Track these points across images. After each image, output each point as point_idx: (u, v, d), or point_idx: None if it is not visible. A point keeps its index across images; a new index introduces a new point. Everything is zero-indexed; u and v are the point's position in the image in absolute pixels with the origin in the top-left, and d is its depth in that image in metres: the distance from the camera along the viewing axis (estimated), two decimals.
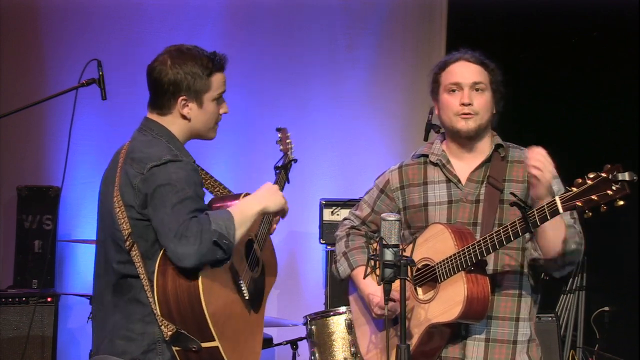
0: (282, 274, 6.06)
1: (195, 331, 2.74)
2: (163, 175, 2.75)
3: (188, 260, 2.68)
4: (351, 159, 6.13)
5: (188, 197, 2.73)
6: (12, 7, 5.80)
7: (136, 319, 2.81)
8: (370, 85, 6.21)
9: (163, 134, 2.90)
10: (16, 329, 5.07)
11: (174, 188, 2.73)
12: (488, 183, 3.11)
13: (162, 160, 2.78)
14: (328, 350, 4.41)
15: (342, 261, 3.32)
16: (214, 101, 2.94)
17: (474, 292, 2.94)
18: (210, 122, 2.96)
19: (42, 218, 5.41)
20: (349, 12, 6.18)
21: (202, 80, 2.89)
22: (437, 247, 3.03)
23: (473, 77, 3.10)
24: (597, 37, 5.85)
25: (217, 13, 6.03)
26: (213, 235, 2.68)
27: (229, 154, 5.96)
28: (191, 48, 2.94)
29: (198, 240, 2.66)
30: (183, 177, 2.75)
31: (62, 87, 3.54)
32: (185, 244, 2.66)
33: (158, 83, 2.90)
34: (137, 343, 2.80)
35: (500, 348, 3.07)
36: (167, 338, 2.75)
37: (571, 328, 5.81)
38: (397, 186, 3.26)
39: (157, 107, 2.94)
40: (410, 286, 3.08)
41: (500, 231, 2.90)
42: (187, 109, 2.90)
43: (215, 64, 2.92)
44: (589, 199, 2.70)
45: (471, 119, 3.09)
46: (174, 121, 2.92)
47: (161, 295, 2.75)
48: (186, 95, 2.89)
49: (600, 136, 5.76)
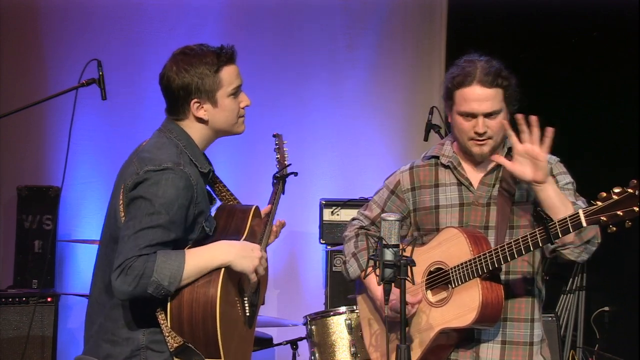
0: (282, 274, 6.11)
1: (203, 346, 2.68)
2: (153, 186, 2.67)
3: (121, 295, 2.67)
4: (351, 159, 6.12)
5: (159, 225, 2.65)
6: (12, 7, 5.80)
7: (122, 323, 2.76)
8: (370, 85, 6.20)
9: (182, 138, 2.82)
10: (16, 329, 5.07)
11: (150, 208, 2.65)
12: (501, 187, 3.10)
13: (161, 167, 2.70)
14: (328, 350, 4.41)
15: (351, 262, 3.30)
16: (230, 96, 2.85)
17: (489, 299, 2.94)
18: (231, 119, 2.88)
19: (42, 218, 5.40)
20: (349, 12, 6.17)
21: (210, 78, 2.80)
22: (451, 252, 3.03)
23: (487, 107, 3.04)
24: (597, 37, 5.85)
25: (217, 13, 6.03)
26: (149, 286, 2.63)
27: (228, 154, 5.95)
28: (195, 48, 2.85)
29: (134, 283, 2.62)
30: (169, 196, 2.66)
31: (62, 87, 3.54)
32: (122, 281, 2.62)
33: (168, 90, 2.83)
34: (121, 348, 2.76)
35: (517, 350, 3.07)
36: (171, 349, 2.69)
37: (571, 328, 5.81)
38: (408, 187, 3.25)
39: (173, 113, 2.86)
40: (421, 288, 3.08)
41: (520, 241, 2.89)
42: (203, 111, 2.83)
43: (221, 58, 2.82)
44: (614, 214, 2.68)
45: (485, 145, 3.07)
46: (192, 125, 2.84)
47: (175, 306, 2.69)
48: (197, 97, 2.80)
49: (600, 136, 5.76)
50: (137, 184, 2.70)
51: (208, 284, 2.69)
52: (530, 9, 5.76)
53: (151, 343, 2.75)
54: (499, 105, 3.06)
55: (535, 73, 5.83)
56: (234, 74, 2.86)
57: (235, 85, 2.87)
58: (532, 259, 3.10)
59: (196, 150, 2.84)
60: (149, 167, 2.71)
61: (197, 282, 2.69)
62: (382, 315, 3.18)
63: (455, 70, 3.12)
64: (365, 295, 3.33)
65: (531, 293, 3.10)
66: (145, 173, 2.70)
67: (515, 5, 5.72)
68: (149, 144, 2.84)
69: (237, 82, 2.87)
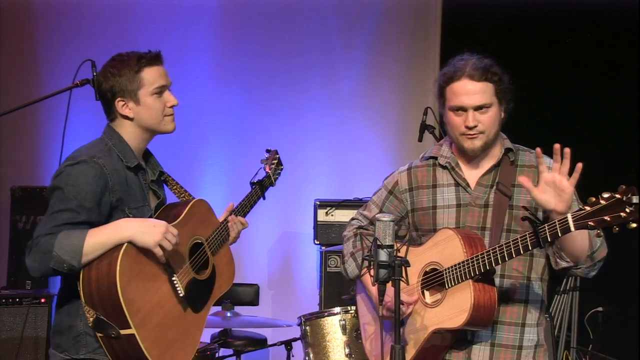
0: (276, 275, 6.11)
1: (113, 317, 2.85)
2: (65, 177, 2.93)
3: (32, 272, 2.89)
4: (346, 160, 6.13)
5: (68, 209, 2.89)
6: (6, 8, 5.79)
7: (64, 312, 2.99)
8: (364, 86, 6.21)
9: (113, 137, 3.08)
10: (10, 330, 5.06)
11: (61, 195, 2.92)
12: (497, 189, 3.10)
13: (75, 160, 2.95)
14: (322, 350, 4.42)
15: (349, 262, 3.32)
16: (154, 95, 3.06)
17: (481, 301, 2.94)
18: (156, 116, 3.09)
19: (35, 219, 5.39)
20: (343, 13, 6.18)
21: (131, 78, 3.03)
22: (446, 253, 3.03)
23: (476, 100, 3.05)
24: (591, 37, 5.86)
25: (211, 13, 6.03)
26: (51, 261, 2.85)
27: (223, 154, 5.96)
28: (123, 54, 3.11)
29: (39, 259, 2.86)
30: (81, 184, 2.91)
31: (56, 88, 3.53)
32: (30, 259, 2.88)
33: (100, 94, 3.09)
34: (66, 337, 2.98)
35: (505, 353, 3.07)
36: (90, 325, 2.88)
37: (565, 328, 5.82)
38: (405, 188, 3.25)
39: (107, 114, 3.12)
40: (417, 289, 3.09)
41: (510, 243, 2.89)
42: (127, 109, 3.06)
43: (142, 60, 3.05)
44: (601, 220, 2.69)
45: (477, 139, 3.07)
46: (121, 124, 3.09)
47: (86, 281, 2.88)
48: (121, 96, 3.05)
49: (596, 135, 5.76)
50: (54, 177, 2.97)
51: (110, 257, 2.87)
52: (524, 9, 5.77)
53: (87, 327, 2.92)
54: (489, 99, 3.06)
55: (530, 73, 5.84)
56: (157, 74, 3.09)
57: (158, 84, 3.08)
58: (531, 263, 3.10)
59: (125, 146, 3.07)
60: (67, 163, 2.98)
61: (101, 258, 2.88)
62: (378, 314, 3.19)
63: (444, 69, 3.15)
64: (364, 294, 3.34)
65: (525, 298, 3.10)
66: (63, 167, 2.97)
67: (509, 5, 5.73)
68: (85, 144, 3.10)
69: (161, 81, 3.09)
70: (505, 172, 3.12)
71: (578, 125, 5.79)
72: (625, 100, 5.66)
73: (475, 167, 3.17)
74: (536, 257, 3.10)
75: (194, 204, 3.19)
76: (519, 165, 3.15)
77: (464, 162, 3.18)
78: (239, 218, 3.38)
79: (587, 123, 5.80)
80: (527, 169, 3.13)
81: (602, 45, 5.76)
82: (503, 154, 3.15)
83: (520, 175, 3.07)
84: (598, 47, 5.79)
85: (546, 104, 5.85)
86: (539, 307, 3.13)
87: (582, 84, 5.87)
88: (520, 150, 3.19)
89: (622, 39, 5.66)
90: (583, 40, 5.88)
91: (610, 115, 5.77)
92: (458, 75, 3.07)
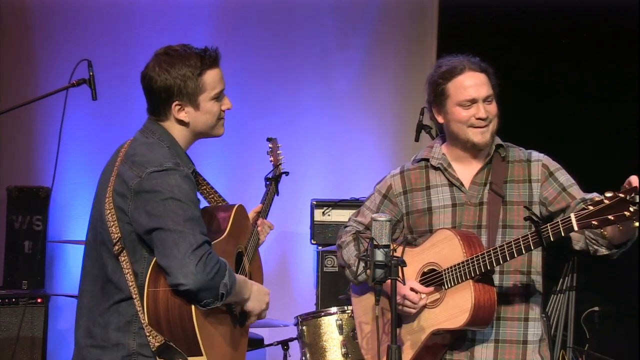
0: (273, 275, 6.10)
1: (184, 344, 2.68)
2: (163, 183, 2.65)
3: (194, 283, 2.60)
4: (342, 160, 6.13)
5: (196, 217, 2.66)
6: (2, 7, 5.78)
7: (113, 328, 2.73)
8: (361, 86, 6.21)
9: (165, 138, 2.79)
10: (6, 330, 5.06)
11: (179, 203, 2.63)
12: (490, 189, 3.11)
13: (163, 167, 2.68)
14: (319, 350, 4.42)
15: (358, 265, 3.30)
16: (212, 100, 2.81)
17: (482, 301, 2.94)
18: (211, 122, 2.84)
19: (32, 219, 5.39)
20: (340, 13, 6.18)
21: (193, 81, 2.75)
22: (444, 253, 3.03)
23: (485, 91, 3.08)
24: (588, 37, 5.86)
25: (208, 13, 6.03)
26: (223, 288, 2.65)
27: (219, 155, 5.95)
28: (178, 48, 2.80)
29: (212, 273, 2.61)
30: (186, 191, 2.66)
31: (52, 87, 3.54)
32: (201, 269, 2.59)
33: (149, 91, 2.80)
34: (111, 353, 2.72)
35: (510, 348, 3.08)
36: (153, 349, 2.67)
37: (561, 328, 5.81)
38: (400, 191, 3.25)
39: (155, 114, 2.83)
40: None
41: (512, 244, 2.90)
42: (184, 114, 2.79)
43: (205, 61, 2.78)
44: (605, 219, 2.69)
45: (487, 131, 3.09)
46: (173, 126, 2.81)
47: (151, 304, 2.68)
48: (179, 99, 2.77)
49: (596, 135, 5.76)
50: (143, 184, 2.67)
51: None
52: (521, 9, 5.77)
53: (140, 347, 2.71)
54: (491, 89, 3.11)
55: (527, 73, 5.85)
56: (217, 78, 2.82)
57: (219, 89, 2.83)
58: (529, 257, 3.10)
59: (179, 150, 2.81)
60: (151, 169, 2.69)
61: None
62: (384, 315, 3.16)
63: (439, 69, 3.14)
64: (358, 296, 3.32)
65: (526, 292, 3.11)
66: (151, 174, 2.68)
67: (506, 5, 5.73)
68: (137, 146, 2.80)
69: (220, 86, 2.84)
70: (497, 169, 3.13)
71: (577, 125, 5.79)
72: (625, 101, 5.66)
73: (467, 166, 3.18)
74: (534, 251, 3.09)
75: (237, 212, 2.99)
76: (509, 161, 3.16)
77: (456, 162, 3.19)
78: (266, 221, 3.26)
79: (587, 123, 5.80)
80: (518, 163, 3.15)
81: (602, 46, 5.76)
82: (494, 151, 3.16)
83: (512, 170, 3.09)
84: (597, 47, 5.78)
85: (545, 104, 5.85)
86: (539, 301, 3.14)
87: (581, 84, 5.87)
88: (510, 147, 3.21)
89: (622, 39, 5.65)
90: (582, 41, 5.88)
91: (610, 115, 5.76)
92: (459, 69, 3.09)
